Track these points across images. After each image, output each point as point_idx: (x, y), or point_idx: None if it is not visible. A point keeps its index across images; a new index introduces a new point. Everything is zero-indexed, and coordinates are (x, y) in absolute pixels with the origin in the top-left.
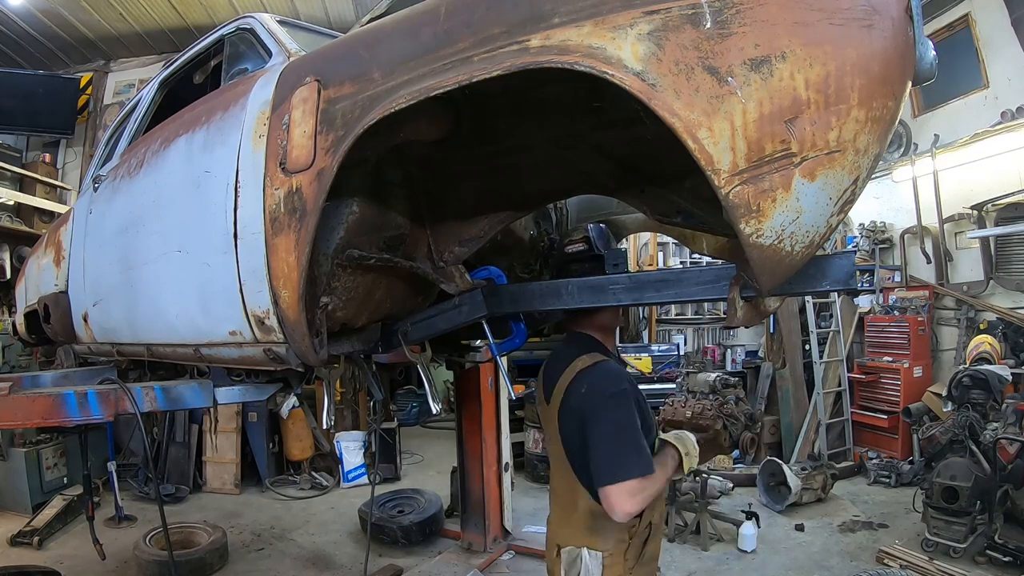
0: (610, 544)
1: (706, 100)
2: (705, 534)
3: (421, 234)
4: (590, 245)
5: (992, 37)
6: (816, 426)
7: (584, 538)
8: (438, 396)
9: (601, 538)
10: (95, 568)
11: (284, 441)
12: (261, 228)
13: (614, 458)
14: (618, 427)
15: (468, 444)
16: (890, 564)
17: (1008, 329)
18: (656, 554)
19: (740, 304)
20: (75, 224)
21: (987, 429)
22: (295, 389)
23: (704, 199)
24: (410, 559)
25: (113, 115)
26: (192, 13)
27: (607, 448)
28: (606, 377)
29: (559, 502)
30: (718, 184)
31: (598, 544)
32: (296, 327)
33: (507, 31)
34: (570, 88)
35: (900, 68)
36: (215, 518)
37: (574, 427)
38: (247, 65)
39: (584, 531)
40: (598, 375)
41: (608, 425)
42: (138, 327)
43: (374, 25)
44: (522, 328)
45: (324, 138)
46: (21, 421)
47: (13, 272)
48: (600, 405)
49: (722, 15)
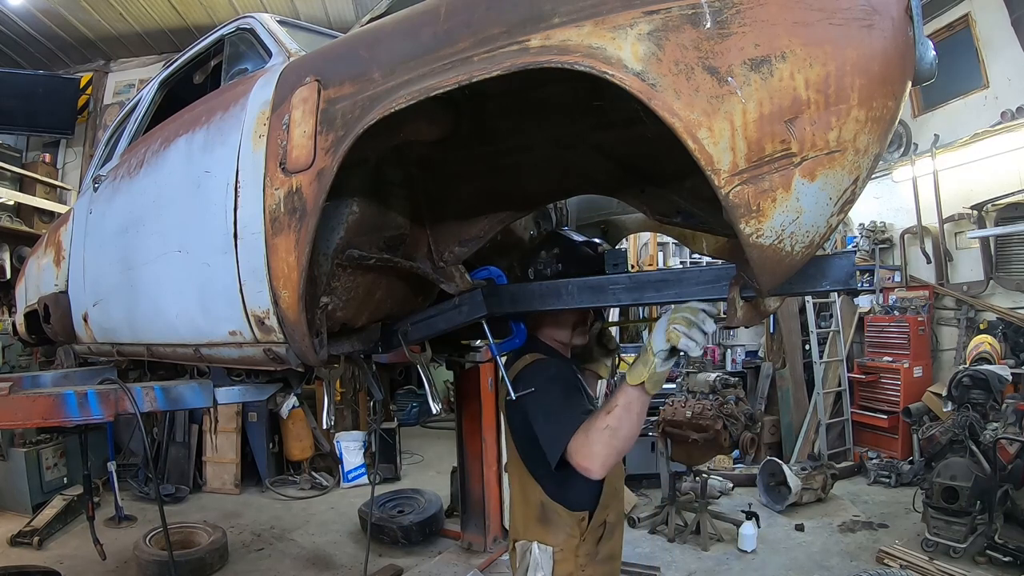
0: (560, 539)
1: (706, 100)
2: (705, 534)
3: (421, 234)
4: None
5: (992, 37)
6: (816, 426)
7: (535, 532)
8: (438, 396)
9: (551, 532)
10: (95, 568)
11: (284, 441)
12: (261, 228)
13: (553, 428)
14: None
15: (468, 444)
16: (890, 564)
17: (1008, 329)
18: (615, 553)
19: (740, 304)
20: (75, 224)
21: (987, 429)
22: (295, 389)
23: (704, 199)
24: (410, 559)
25: (113, 115)
26: (192, 13)
27: (544, 423)
28: (540, 370)
29: (514, 497)
30: (718, 184)
31: (548, 538)
32: (296, 327)
33: (507, 31)
34: (570, 88)
35: (900, 68)
36: (215, 518)
37: (522, 422)
38: (247, 65)
39: (535, 524)
40: (533, 371)
41: (540, 406)
42: (138, 327)
43: (374, 25)
44: (522, 328)
45: (324, 138)
46: (21, 421)
47: (13, 272)
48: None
49: (722, 15)
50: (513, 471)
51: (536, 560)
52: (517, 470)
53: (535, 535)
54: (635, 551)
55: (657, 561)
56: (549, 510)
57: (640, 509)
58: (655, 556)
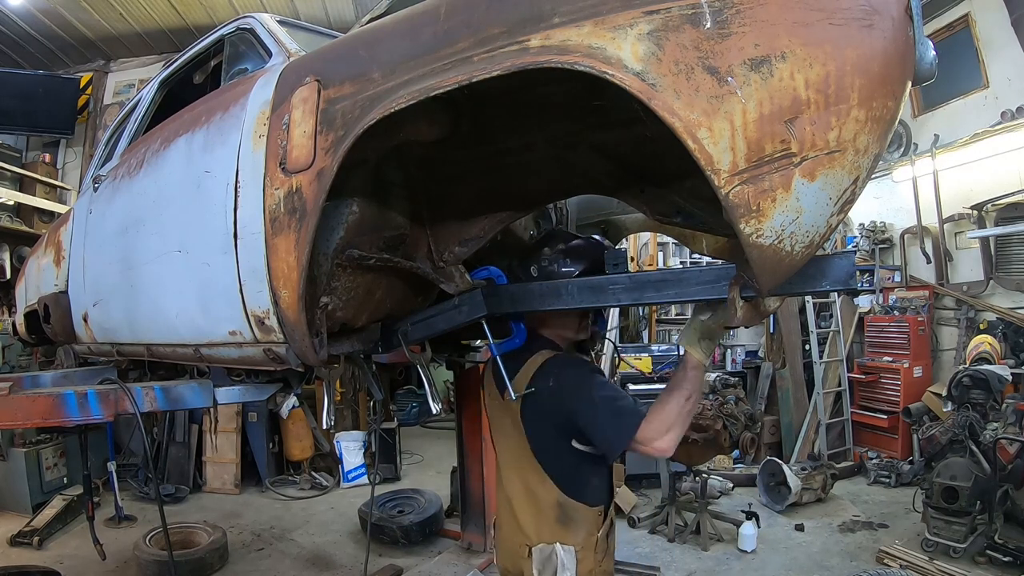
0: (581, 537)
1: (706, 100)
2: (705, 534)
3: (421, 234)
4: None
5: (992, 37)
6: (816, 426)
7: (555, 533)
8: (438, 396)
9: (572, 532)
10: (95, 568)
11: (284, 441)
12: (261, 228)
13: (617, 413)
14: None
15: (468, 444)
16: (890, 564)
17: (1008, 329)
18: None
19: (740, 304)
20: (75, 224)
21: (987, 429)
22: (295, 389)
23: (704, 199)
24: (410, 559)
25: (113, 115)
26: (192, 13)
27: (606, 411)
28: (568, 365)
29: (519, 500)
30: (718, 184)
31: (568, 538)
32: (296, 327)
33: (507, 31)
34: (570, 88)
35: (900, 68)
36: (215, 518)
37: (546, 422)
38: (247, 65)
39: (554, 526)
40: (558, 367)
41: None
42: (138, 327)
43: (374, 25)
44: (522, 328)
45: (324, 138)
46: (21, 421)
47: (13, 272)
48: (577, 388)
49: (722, 15)
50: (515, 476)
51: (562, 561)
52: (522, 473)
53: (555, 536)
54: (635, 551)
55: (657, 561)
56: (568, 509)
57: (640, 509)
58: (655, 556)
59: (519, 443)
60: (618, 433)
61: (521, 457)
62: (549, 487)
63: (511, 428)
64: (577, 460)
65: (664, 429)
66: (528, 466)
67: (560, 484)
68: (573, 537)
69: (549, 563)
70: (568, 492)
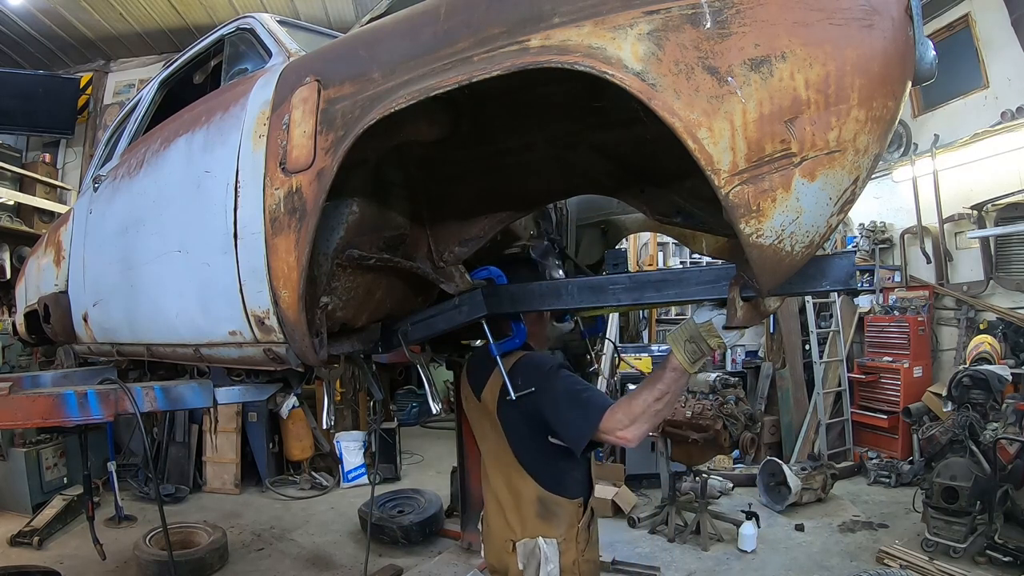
0: (562, 529)
1: (706, 100)
2: (705, 534)
3: (421, 234)
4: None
5: (992, 37)
6: (816, 426)
7: (537, 527)
8: (438, 396)
9: (554, 525)
10: (95, 568)
11: (284, 441)
12: (261, 228)
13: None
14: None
15: (468, 444)
16: (890, 564)
17: (1008, 329)
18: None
19: (740, 304)
20: (75, 224)
21: (987, 429)
22: (295, 389)
23: (704, 199)
24: (410, 559)
25: (113, 115)
26: (192, 13)
27: (570, 403)
28: (533, 362)
29: (502, 498)
30: (718, 184)
31: (551, 531)
32: (296, 327)
33: (507, 31)
34: (570, 88)
35: (900, 68)
36: (215, 518)
37: (520, 421)
38: (247, 65)
39: (535, 520)
40: (525, 366)
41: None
42: (138, 327)
43: (374, 25)
44: (522, 328)
45: (324, 138)
46: (21, 421)
47: (13, 272)
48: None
49: (722, 15)
50: (497, 474)
51: (545, 554)
52: (504, 471)
53: (537, 531)
54: (635, 551)
55: (657, 561)
56: (549, 503)
57: (640, 509)
58: (655, 556)
59: (498, 443)
60: (581, 424)
61: (501, 456)
62: (529, 483)
63: (490, 429)
64: (554, 455)
65: (628, 421)
66: (509, 464)
67: (539, 479)
68: (555, 530)
69: (533, 557)
70: (547, 487)
